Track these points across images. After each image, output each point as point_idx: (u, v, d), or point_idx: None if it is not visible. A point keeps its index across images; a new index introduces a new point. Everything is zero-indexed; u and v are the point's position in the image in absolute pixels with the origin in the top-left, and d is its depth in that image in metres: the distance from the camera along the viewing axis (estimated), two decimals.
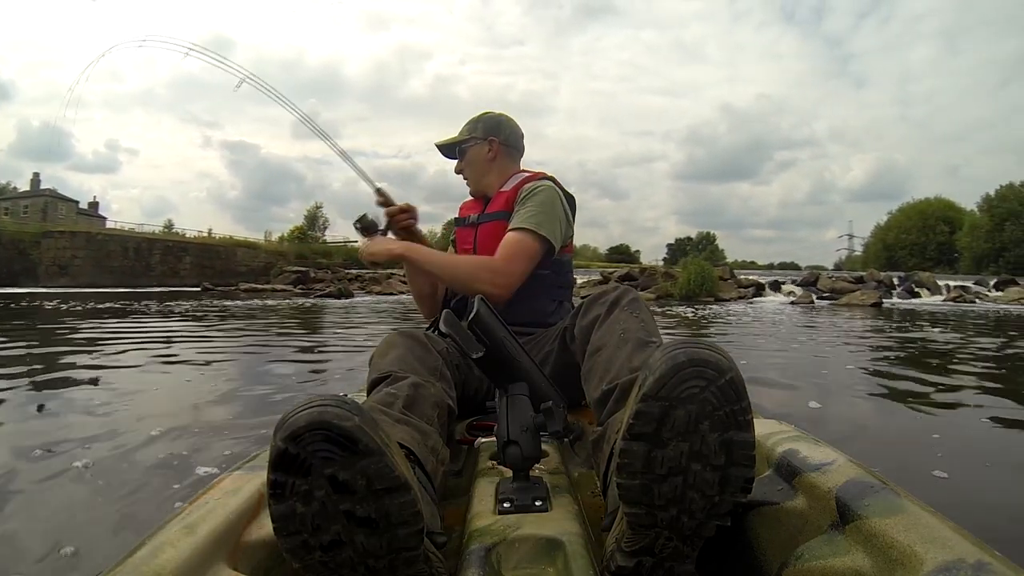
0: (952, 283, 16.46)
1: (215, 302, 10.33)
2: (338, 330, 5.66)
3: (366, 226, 1.34)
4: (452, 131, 1.46)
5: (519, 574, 0.59)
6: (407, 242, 1.32)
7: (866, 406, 2.37)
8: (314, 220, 36.63)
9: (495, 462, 0.84)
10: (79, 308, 8.10)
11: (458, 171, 1.44)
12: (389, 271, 20.74)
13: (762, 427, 0.83)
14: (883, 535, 0.53)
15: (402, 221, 1.39)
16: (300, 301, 11.37)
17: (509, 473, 0.76)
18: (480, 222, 1.37)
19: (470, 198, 1.47)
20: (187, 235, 26.74)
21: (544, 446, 0.87)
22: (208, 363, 3.17)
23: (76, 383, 2.54)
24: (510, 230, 1.26)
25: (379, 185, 1.42)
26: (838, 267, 39.81)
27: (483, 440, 0.99)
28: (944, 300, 14.35)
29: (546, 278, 1.30)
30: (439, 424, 0.85)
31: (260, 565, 0.62)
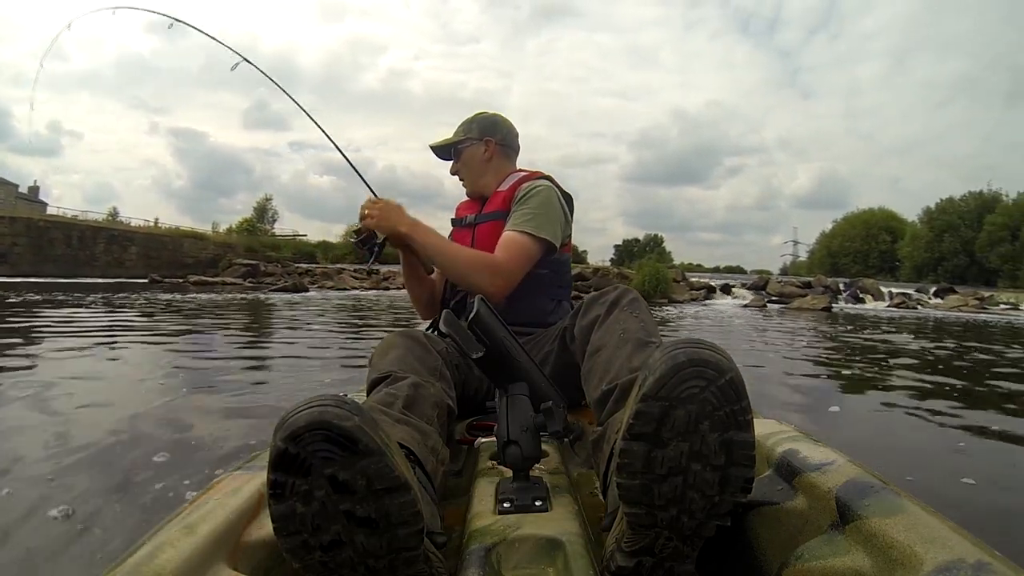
0: (895, 290, 17.33)
1: (172, 296, 9.71)
2: (316, 326, 5.62)
3: (363, 239, 1.30)
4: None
5: (519, 574, 0.59)
6: (417, 222, 1.27)
7: (841, 399, 2.42)
8: (263, 212, 36.15)
9: (495, 462, 0.84)
10: (39, 298, 7.89)
11: (453, 172, 1.43)
12: (340, 266, 20.47)
13: (762, 427, 0.83)
14: (883, 535, 0.53)
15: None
16: (253, 295, 10.98)
17: (509, 473, 0.76)
18: (478, 222, 1.37)
19: (465, 199, 1.47)
20: (133, 224, 25.07)
21: (544, 446, 0.87)
22: (191, 367, 3.16)
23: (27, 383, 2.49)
24: (509, 230, 1.25)
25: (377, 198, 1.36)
26: (784, 272, 41.76)
27: (483, 440, 0.99)
28: (888, 306, 14.97)
29: (544, 277, 1.30)
30: (439, 424, 0.86)
31: (260, 565, 0.62)
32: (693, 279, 16.35)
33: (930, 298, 16.78)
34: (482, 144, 1.39)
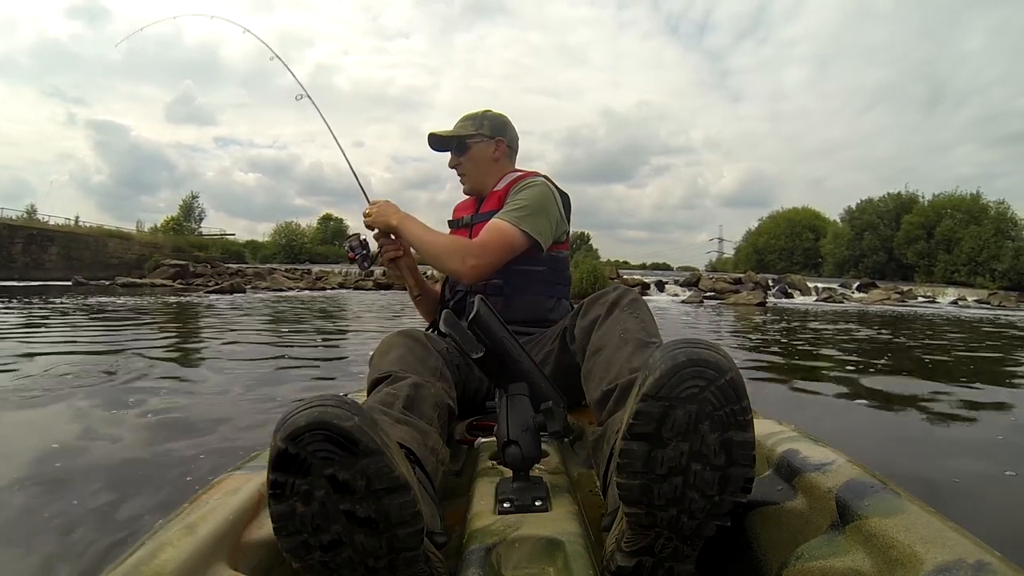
0: (820, 285, 18.17)
1: (109, 300, 8.80)
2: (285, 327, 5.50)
3: (354, 247, 1.34)
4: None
5: (519, 574, 0.59)
6: (406, 216, 1.31)
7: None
8: (190, 210, 34.73)
9: (495, 462, 0.84)
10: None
11: (454, 166, 1.41)
12: (271, 266, 20.09)
13: (762, 427, 0.83)
14: (883, 535, 0.53)
15: (389, 250, 1.36)
16: (190, 298, 10.35)
17: (509, 473, 0.76)
18: (474, 222, 1.36)
19: (464, 198, 1.46)
20: (52, 223, 22.63)
21: (544, 446, 0.87)
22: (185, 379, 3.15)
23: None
24: (495, 218, 1.26)
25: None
26: (712, 268, 42.81)
27: (483, 440, 0.99)
28: (816, 300, 15.60)
29: (541, 275, 1.30)
30: (439, 424, 0.86)
31: (260, 565, 0.62)
32: (626, 276, 16.46)
33: (853, 292, 17.60)
34: (493, 143, 1.37)
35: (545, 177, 1.36)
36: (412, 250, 1.36)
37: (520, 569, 0.60)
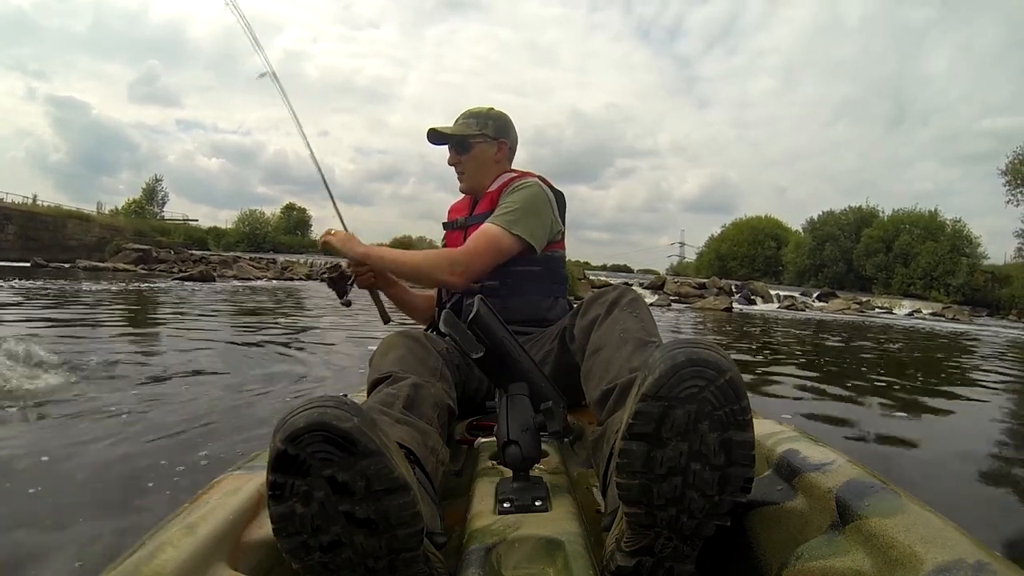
0: (782, 293, 19.01)
1: (80, 285, 8.32)
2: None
3: (334, 279, 1.36)
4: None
5: (519, 574, 0.59)
6: (371, 247, 1.34)
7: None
8: (152, 194, 34.08)
9: (495, 462, 0.84)
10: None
11: (453, 163, 1.39)
12: (236, 254, 19.47)
13: (762, 427, 0.83)
14: (883, 535, 0.53)
15: (364, 274, 1.36)
16: (160, 284, 9.94)
17: (509, 473, 0.76)
18: (469, 224, 1.36)
19: (459, 198, 1.45)
20: (8, 201, 21.46)
21: (544, 446, 0.87)
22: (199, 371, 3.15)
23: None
24: (485, 223, 1.27)
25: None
26: (674, 272, 43.56)
27: (483, 440, 0.99)
28: (779, 307, 16.19)
29: (538, 275, 1.30)
30: (439, 424, 0.85)
31: (260, 565, 0.62)
32: (592, 277, 16.60)
33: (814, 301, 18.40)
34: (495, 144, 1.37)
35: (539, 178, 1.36)
36: (388, 273, 1.39)
37: (520, 569, 0.60)
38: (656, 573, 0.60)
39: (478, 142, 1.36)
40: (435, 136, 1.39)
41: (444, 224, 1.47)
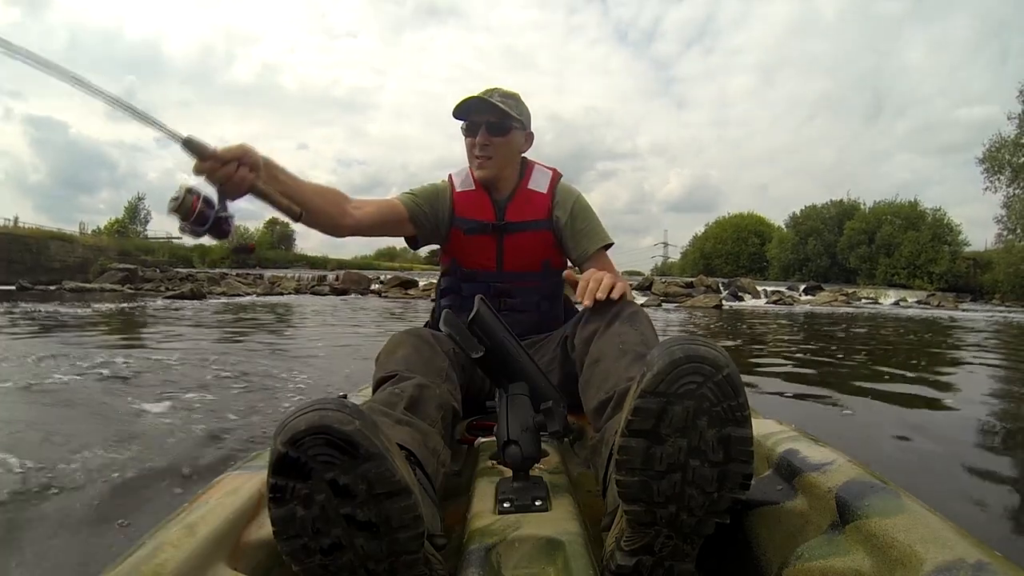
0: (769, 288, 19.03)
1: (71, 309, 7.42)
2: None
3: (184, 213, 0.86)
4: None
5: (519, 574, 0.59)
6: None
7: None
8: (135, 213, 33.37)
9: (495, 462, 0.84)
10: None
11: (483, 143, 1.18)
12: (223, 271, 18.84)
13: (762, 427, 0.83)
14: (883, 535, 0.53)
15: (234, 177, 0.88)
16: (152, 303, 9.58)
17: (509, 473, 0.76)
18: (508, 231, 1.22)
19: (463, 190, 1.25)
20: None
21: (544, 446, 0.87)
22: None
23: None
24: (601, 248, 1.25)
25: (185, 135, 0.87)
26: (659, 272, 44.67)
27: (483, 440, 0.99)
28: (767, 303, 16.11)
29: (537, 276, 1.29)
30: (442, 425, 0.85)
31: (260, 565, 0.62)
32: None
33: (801, 295, 18.47)
34: (525, 134, 1.26)
35: (554, 171, 1.31)
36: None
37: (520, 569, 0.60)
38: (656, 572, 0.61)
39: (516, 127, 1.21)
40: (472, 108, 1.17)
41: (457, 222, 1.24)
